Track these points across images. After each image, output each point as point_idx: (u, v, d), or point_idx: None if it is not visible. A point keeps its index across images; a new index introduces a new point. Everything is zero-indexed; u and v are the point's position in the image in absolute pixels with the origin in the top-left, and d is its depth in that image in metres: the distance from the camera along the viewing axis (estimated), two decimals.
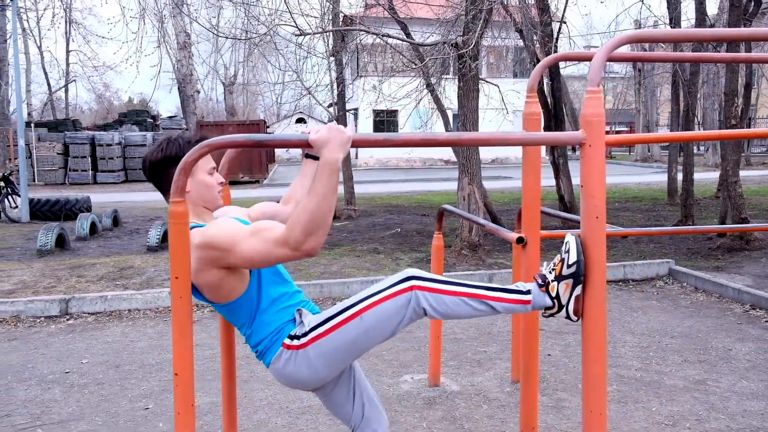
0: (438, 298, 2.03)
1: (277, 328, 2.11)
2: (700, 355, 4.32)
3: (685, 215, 9.53)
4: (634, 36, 1.90)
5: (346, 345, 2.06)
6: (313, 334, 2.06)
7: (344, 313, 2.05)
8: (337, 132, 1.83)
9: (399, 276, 2.06)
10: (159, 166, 2.15)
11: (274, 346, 2.10)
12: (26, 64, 30.07)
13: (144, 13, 13.89)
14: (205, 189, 2.15)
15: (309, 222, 1.82)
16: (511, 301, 2.04)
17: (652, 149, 31.66)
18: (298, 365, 2.07)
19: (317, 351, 2.06)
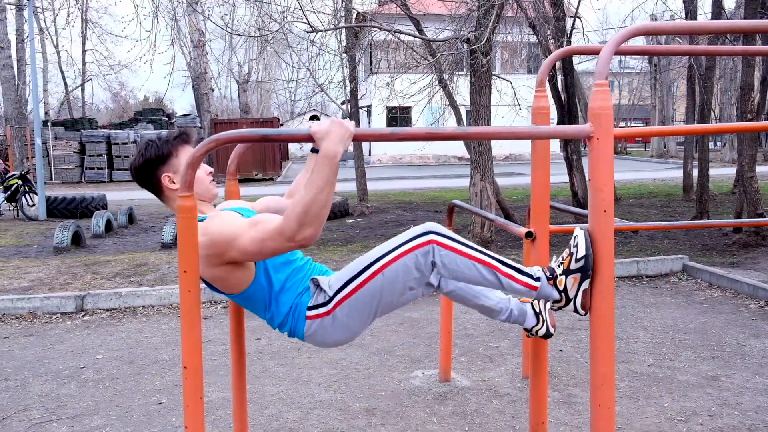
0: (452, 256, 2.05)
1: (293, 305, 2.15)
2: (713, 351, 4.29)
3: (700, 211, 9.44)
4: (641, 28, 1.89)
5: (373, 300, 2.10)
6: (339, 297, 2.10)
7: (366, 272, 2.08)
8: (338, 126, 1.85)
9: (419, 229, 2.08)
10: (144, 171, 2.19)
11: (299, 322, 2.14)
12: (43, 63, 30.40)
13: (157, 12, 13.98)
14: (196, 183, 2.17)
15: (305, 213, 1.85)
16: (519, 281, 2.05)
17: (668, 145, 31.37)
18: (333, 329, 2.13)
19: (346, 311, 2.10)
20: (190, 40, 20.16)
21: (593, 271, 1.91)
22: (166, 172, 2.18)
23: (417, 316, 5.25)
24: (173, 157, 2.18)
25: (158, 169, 2.18)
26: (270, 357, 4.36)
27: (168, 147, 2.18)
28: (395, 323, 5.06)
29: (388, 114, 29.74)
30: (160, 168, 2.18)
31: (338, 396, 3.68)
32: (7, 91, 20.79)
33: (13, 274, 6.93)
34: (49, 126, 23.43)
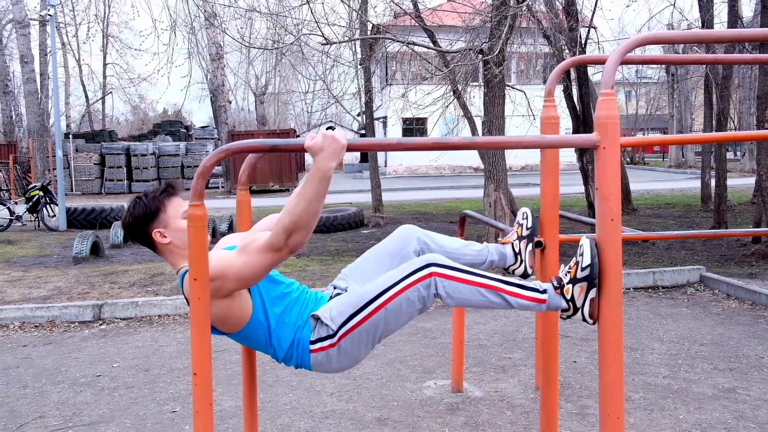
0: (454, 285, 2.07)
1: (294, 339, 2.19)
2: (730, 362, 4.23)
3: (718, 221, 9.33)
4: (647, 38, 1.90)
5: (377, 330, 2.15)
6: (343, 330, 2.14)
7: (369, 306, 2.12)
8: (331, 140, 1.87)
9: (419, 263, 2.11)
10: (134, 228, 2.23)
11: (304, 356, 2.19)
12: (65, 77, 30.98)
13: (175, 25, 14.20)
14: (184, 234, 2.19)
15: (293, 223, 1.88)
16: (526, 298, 2.06)
17: (686, 155, 31.08)
18: (338, 359, 2.18)
19: (350, 343, 2.15)
20: (208, 53, 20.42)
21: (600, 280, 1.91)
22: (156, 228, 2.20)
23: (429, 327, 5.25)
24: (162, 212, 2.21)
25: (148, 225, 2.21)
26: (283, 366, 4.34)
27: (155, 203, 2.21)
28: (408, 333, 5.06)
29: (404, 125, 29.81)
30: (150, 225, 2.21)
31: (350, 406, 3.69)
32: (30, 104, 21.20)
33: (33, 283, 7.04)
34: (71, 138, 23.84)
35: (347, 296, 2.20)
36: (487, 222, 3.27)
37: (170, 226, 2.21)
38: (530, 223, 2.38)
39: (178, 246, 2.22)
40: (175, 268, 2.26)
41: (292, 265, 7.76)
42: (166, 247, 2.22)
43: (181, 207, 2.24)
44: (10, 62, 26.33)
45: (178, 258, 2.24)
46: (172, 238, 2.21)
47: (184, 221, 2.21)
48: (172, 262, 2.26)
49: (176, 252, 2.23)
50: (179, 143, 26.41)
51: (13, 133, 25.21)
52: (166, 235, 2.21)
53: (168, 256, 2.25)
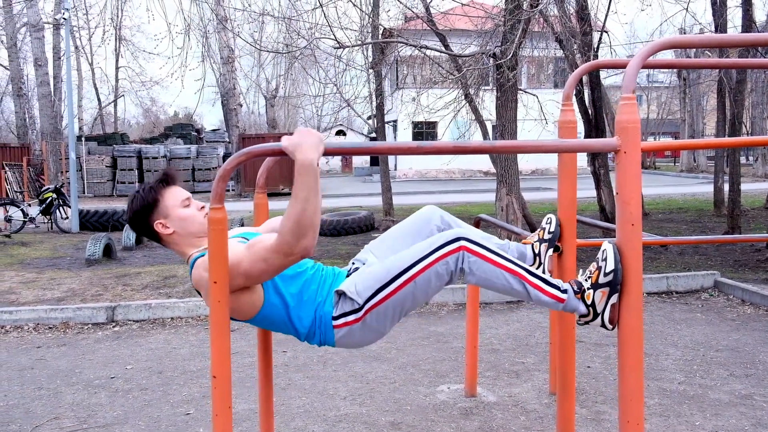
0: (480, 263, 2.05)
1: (315, 317, 2.15)
2: (746, 369, 4.19)
3: (731, 226, 9.26)
4: (668, 42, 1.89)
5: (404, 304, 2.13)
6: (370, 304, 2.11)
7: (397, 280, 2.09)
8: (307, 134, 1.85)
9: (449, 235, 2.08)
10: (137, 223, 2.22)
11: (327, 333, 2.15)
12: (78, 80, 31.23)
13: (188, 29, 14.28)
14: (186, 222, 2.19)
15: (297, 225, 1.86)
16: (547, 293, 2.04)
17: (698, 159, 30.89)
18: (363, 333, 2.15)
19: (376, 317, 2.12)
20: (220, 57, 20.54)
21: (621, 285, 1.90)
22: (157, 219, 2.20)
23: (442, 330, 5.24)
24: (160, 203, 2.20)
25: (149, 218, 2.20)
26: (296, 370, 4.38)
27: (152, 194, 2.20)
28: (420, 337, 5.05)
29: (414, 129, 29.83)
30: (150, 217, 2.20)
31: (363, 409, 3.68)
32: (43, 107, 21.40)
33: (47, 284, 7.09)
34: (83, 141, 24.01)
35: (373, 270, 2.16)
36: (502, 226, 3.26)
37: (171, 216, 2.19)
38: (553, 228, 2.37)
39: (182, 235, 2.20)
40: (184, 257, 2.24)
41: None
42: (170, 238, 2.21)
43: (180, 195, 2.22)
44: (24, 65, 26.59)
45: (186, 246, 2.22)
46: (174, 227, 2.19)
47: (185, 209, 2.20)
48: (180, 251, 2.24)
49: (182, 241, 2.22)
50: (190, 146, 26.55)
51: (27, 135, 25.42)
52: (168, 226, 2.20)
53: (174, 246, 2.23)
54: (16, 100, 25.29)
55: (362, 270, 2.22)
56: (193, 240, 2.21)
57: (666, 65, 2.37)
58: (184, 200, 2.22)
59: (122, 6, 27.17)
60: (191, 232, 2.20)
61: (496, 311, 5.83)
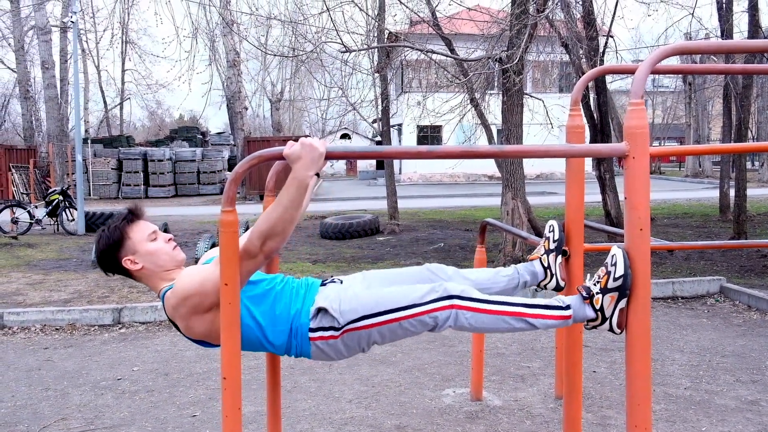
0: (477, 317, 2.07)
1: (291, 328, 2.16)
2: (753, 374, 4.19)
3: (737, 231, 9.24)
4: (678, 48, 1.90)
5: (384, 337, 2.16)
6: (350, 327, 2.12)
7: (384, 315, 2.11)
8: (309, 148, 1.88)
9: (441, 292, 2.10)
10: (105, 261, 2.23)
11: (303, 344, 2.16)
12: (85, 83, 31.37)
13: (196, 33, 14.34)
14: (154, 256, 2.20)
15: (268, 229, 1.90)
16: (551, 317, 2.05)
17: (704, 164, 30.82)
18: (337, 351, 2.17)
19: (356, 339, 2.14)
20: (226, 60, 20.62)
21: (630, 290, 1.90)
22: (125, 256, 2.20)
23: (447, 334, 5.24)
24: (126, 240, 2.20)
25: (116, 255, 2.21)
26: (302, 372, 4.39)
27: (117, 233, 2.21)
28: (426, 341, 5.06)
29: (419, 132, 29.86)
30: (118, 254, 2.20)
31: (369, 413, 3.69)
32: (50, 109, 21.51)
33: (53, 286, 7.12)
34: (89, 143, 24.11)
35: (361, 296, 2.17)
36: (509, 230, 3.27)
37: (139, 252, 2.19)
38: (557, 235, 2.37)
39: (152, 270, 2.20)
40: (155, 291, 2.24)
41: (309, 272, 7.79)
42: (140, 273, 2.22)
43: (146, 230, 2.23)
44: (31, 68, 26.73)
45: (156, 281, 2.22)
46: (143, 263, 2.20)
47: (152, 243, 2.21)
48: (152, 285, 2.24)
49: (152, 275, 2.22)
50: (195, 149, 26.61)
51: (33, 137, 25.55)
52: (137, 261, 2.20)
53: (146, 280, 2.24)
54: (23, 103, 25.43)
55: (347, 290, 2.23)
56: (162, 274, 2.22)
57: (674, 71, 2.38)
58: (150, 234, 2.23)
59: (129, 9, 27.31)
60: (159, 266, 2.21)
61: None
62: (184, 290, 2.04)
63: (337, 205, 18.33)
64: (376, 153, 1.88)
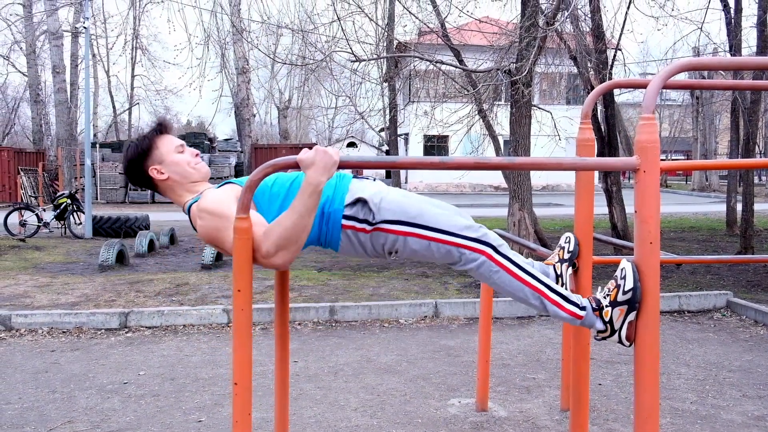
0: (502, 275, 2.09)
1: (323, 214, 2.15)
2: (759, 390, 4.17)
3: (744, 246, 9.22)
4: (690, 63, 1.92)
5: (407, 247, 2.17)
6: (384, 226, 2.14)
7: (419, 229, 2.12)
8: (323, 155, 1.91)
9: (479, 233, 2.12)
10: (132, 170, 2.27)
11: (334, 232, 2.17)
12: (94, 87, 31.60)
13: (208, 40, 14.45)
14: (180, 167, 2.23)
15: (282, 236, 1.91)
16: (565, 309, 2.07)
17: (710, 178, 30.75)
18: (365, 245, 2.18)
19: (383, 238, 2.16)
20: (235, 68, 20.74)
21: (639, 303, 1.92)
22: (152, 166, 2.25)
23: (453, 344, 5.24)
24: (154, 149, 2.25)
25: (144, 164, 2.25)
26: (307, 380, 4.40)
27: (147, 142, 2.26)
28: (431, 350, 5.06)
29: (426, 142, 29.92)
30: (145, 163, 2.25)
31: (374, 421, 3.69)
32: (60, 113, 21.67)
33: (61, 289, 7.16)
34: (97, 148, 24.23)
35: (406, 201, 2.17)
36: (517, 241, 3.28)
37: (165, 162, 2.23)
38: (572, 247, 2.39)
39: (176, 180, 2.24)
40: (180, 204, 2.27)
41: (315, 279, 7.80)
42: (165, 183, 2.25)
43: (174, 142, 2.27)
44: (42, 72, 26.96)
45: (181, 192, 2.26)
46: (169, 173, 2.23)
47: (179, 155, 2.25)
48: (176, 198, 2.27)
49: (177, 187, 2.26)
50: (203, 155, 26.71)
51: (42, 141, 25.73)
52: (163, 171, 2.24)
53: (170, 192, 2.27)
54: (33, 106, 25.64)
55: (390, 191, 2.22)
56: (188, 185, 2.25)
57: (683, 86, 2.40)
58: (178, 146, 2.27)
59: (140, 16, 27.54)
60: (185, 176, 2.25)
61: (507, 326, 5.84)
62: (210, 209, 2.07)
63: None
64: (390, 163, 1.90)
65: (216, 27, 16.94)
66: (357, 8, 9.21)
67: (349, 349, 5.13)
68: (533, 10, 7.13)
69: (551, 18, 7.20)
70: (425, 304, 6.18)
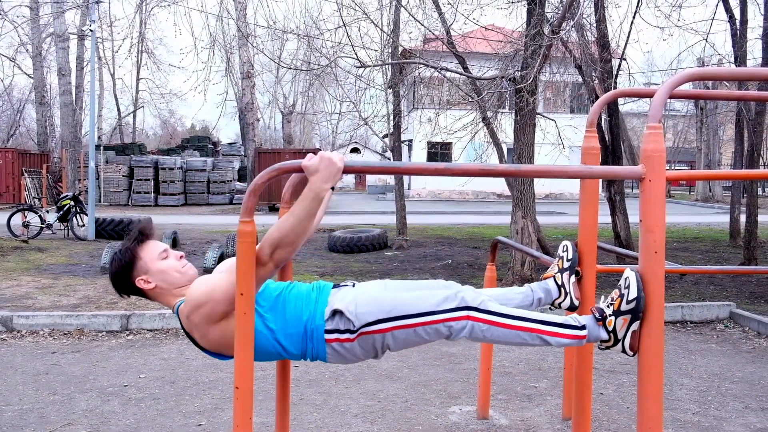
0: (492, 330, 2.09)
1: (306, 331, 2.16)
2: (762, 402, 4.15)
3: (748, 257, 9.19)
4: (697, 74, 1.91)
5: (397, 342, 2.17)
6: (365, 330, 2.14)
7: (400, 320, 2.13)
8: (328, 162, 1.91)
9: (456, 302, 2.12)
10: (119, 284, 2.27)
11: (319, 346, 2.17)
12: (99, 90, 31.70)
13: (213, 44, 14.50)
14: (166, 274, 2.23)
15: (281, 239, 1.93)
16: (566, 336, 2.06)
17: (714, 189, 30.70)
18: (353, 352, 2.18)
19: (370, 341, 2.16)
20: (240, 72, 20.80)
21: (643, 312, 1.91)
22: (138, 277, 2.24)
23: (454, 352, 5.23)
24: (138, 260, 2.24)
25: (130, 277, 2.24)
26: (307, 385, 4.39)
27: (128, 255, 2.24)
28: (432, 357, 5.05)
29: (429, 149, 29.94)
30: (131, 276, 2.24)
31: (375, 428, 3.68)
32: (65, 115, 21.75)
33: (62, 291, 7.16)
34: (101, 150, 24.28)
35: (377, 299, 2.18)
36: (521, 249, 3.27)
37: (151, 271, 2.23)
38: (571, 255, 2.39)
39: (164, 288, 2.24)
40: (170, 308, 2.28)
41: None
42: (154, 292, 2.25)
43: (157, 249, 2.26)
44: (48, 74, 27.05)
45: (170, 298, 2.26)
46: (156, 281, 2.23)
47: (163, 261, 2.24)
48: (165, 303, 2.28)
49: (165, 293, 2.26)
50: (206, 158, 26.75)
51: (47, 143, 25.80)
52: (150, 281, 2.23)
53: (159, 299, 2.27)
54: (38, 108, 25.71)
55: (364, 293, 2.23)
56: (174, 291, 2.25)
57: (689, 96, 2.39)
58: (162, 253, 2.26)
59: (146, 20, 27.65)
60: (170, 283, 2.24)
61: None
62: (195, 299, 2.07)
63: (346, 218, 18.36)
64: (395, 168, 1.90)
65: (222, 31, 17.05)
66: (362, 14, 9.24)
67: None
68: (539, 18, 7.14)
69: (557, 27, 7.21)
70: None
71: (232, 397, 3.87)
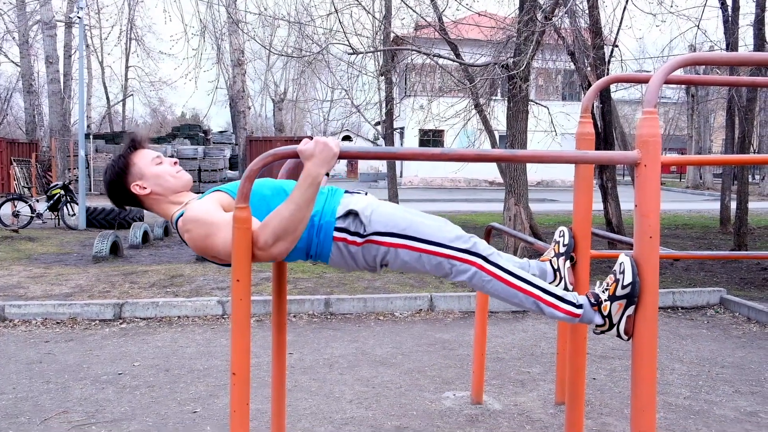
0: (494, 283, 2.10)
1: (316, 224, 2.14)
2: (752, 386, 4.20)
3: (738, 244, 9.26)
4: (693, 58, 1.92)
5: (397, 259, 2.16)
6: (373, 237, 2.14)
7: (410, 240, 2.12)
8: (323, 147, 1.90)
9: (468, 244, 2.12)
10: (115, 191, 2.26)
11: (325, 244, 2.16)
12: (88, 78, 31.40)
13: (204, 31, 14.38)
14: (161, 179, 2.22)
15: (280, 227, 1.90)
16: (561, 309, 2.07)
17: (704, 176, 30.88)
18: (355, 257, 2.18)
19: (372, 252, 2.15)
20: (231, 59, 20.65)
21: (638, 297, 1.92)
22: (133, 182, 2.23)
23: (448, 338, 5.25)
24: (132, 166, 2.23)
25: (125, 183, 2.24)
26: (302, 372, 4.40)
27: (122, 161, 2.24)
28: (426, 344, 5.07)
29: (422, 136, 29.90)
30: (125, 181, 2.24)
31: (369, 413, 3.70)
32: (53, 104, 21.54)
33: (54, 280, 7.13)
34: (91, 139, 24.08)
35: (396, 213, 2.18)
36: (515, 235, 3.29)
37: (145, 176, 2.22)
38: (567, 240, 2.40)
39: (159, 193, 2.23)
40: (167, 217, 2.26)
41: (309, 272, 7.79)
42: (149, 198, 2.24)
43: (150, 155, 2.26)
44: (35, 62, 26.77)
45: (166, 205, 2.25)
46: (151, 186, 2.22)
47: (157, 166, 2.24)
48: (162, 211, 2.26)
49: (161, 199, 2.25)
50: (197, 147, 26.59)
51: (35, 131, 25.56)
52: (145, 186, 2.23)
53: (156, 206, 2.26)
54: (26, 97, 25.46)
55: (381, 204, 2.22)
56: (171, 197, 2.24)
57: (684, 81, 2.40)
58: (155, 158, 2.26)
59: (135, 6, 27.37)
60: (165, 188, 2.24)
61: (501, 320, 5.85)
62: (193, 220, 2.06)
63: None
64: (391, 153, 1.89)
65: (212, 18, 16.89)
66: (354, 1, 9.17)
67: (344, 342, 5.13)
68: (531, 4, 7.12)
69: (549, 13, 7.20)
70: (420, 298, 6.19)
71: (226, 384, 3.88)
